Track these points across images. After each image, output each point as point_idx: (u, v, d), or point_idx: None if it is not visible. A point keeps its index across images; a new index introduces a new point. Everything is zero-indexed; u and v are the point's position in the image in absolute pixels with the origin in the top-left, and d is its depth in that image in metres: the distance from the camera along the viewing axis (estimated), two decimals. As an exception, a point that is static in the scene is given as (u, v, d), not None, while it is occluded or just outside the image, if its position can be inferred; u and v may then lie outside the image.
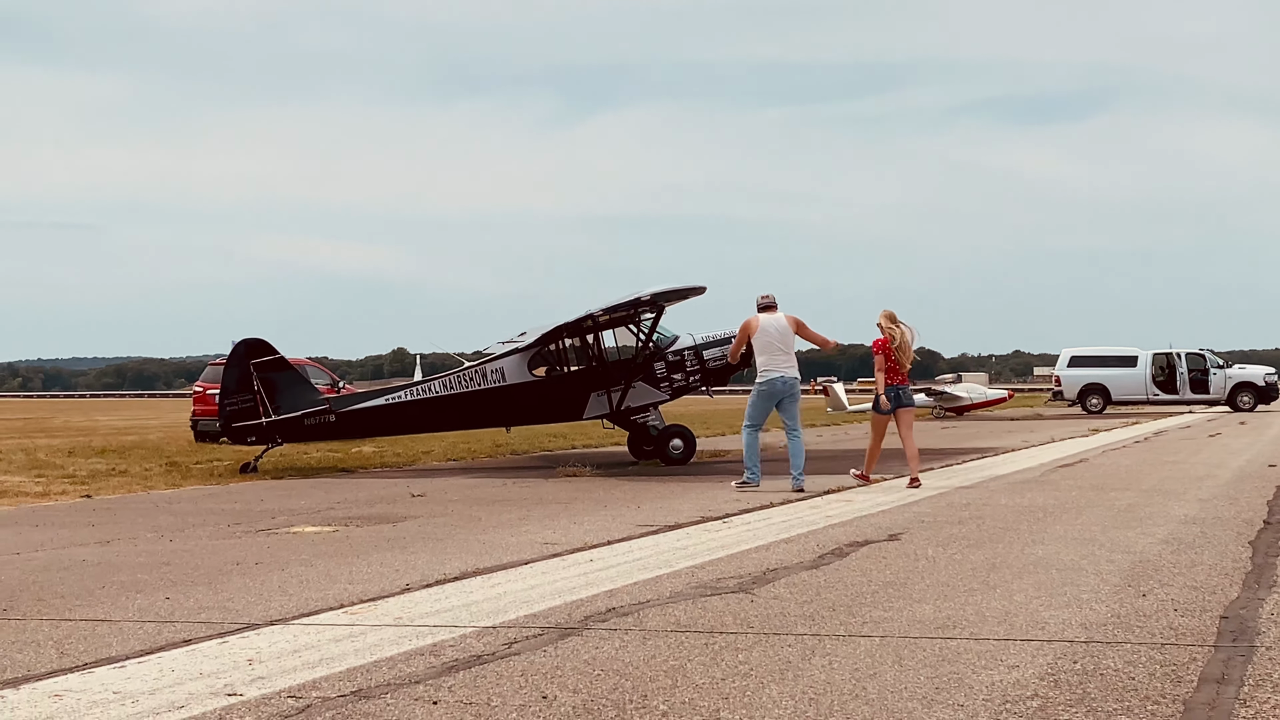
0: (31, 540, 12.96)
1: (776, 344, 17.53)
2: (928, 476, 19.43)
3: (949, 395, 51.90)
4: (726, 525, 13.30)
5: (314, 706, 6.14)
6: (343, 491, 18.44)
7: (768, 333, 17.55)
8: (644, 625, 7.93)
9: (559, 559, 10.91)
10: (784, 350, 17.58)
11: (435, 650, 7.30)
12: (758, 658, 7.00)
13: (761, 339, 17.57)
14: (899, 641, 7.36)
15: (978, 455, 24.57)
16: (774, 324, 17.60)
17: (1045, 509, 14.40)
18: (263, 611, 8.62)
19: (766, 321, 17.62)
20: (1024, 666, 6.74)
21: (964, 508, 14.67)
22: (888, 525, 13.01)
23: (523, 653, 7.20)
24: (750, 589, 9.19)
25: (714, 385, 24.77)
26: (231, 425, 22.79)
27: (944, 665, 6.77)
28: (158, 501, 17.38)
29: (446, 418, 23.53)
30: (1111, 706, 5.99)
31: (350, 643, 7.53)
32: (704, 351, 23.81)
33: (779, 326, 17.59)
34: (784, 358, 17.54)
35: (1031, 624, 7.83)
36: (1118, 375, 53.38)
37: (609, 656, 7.07)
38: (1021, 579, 9.50)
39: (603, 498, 16.75)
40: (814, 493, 16.73)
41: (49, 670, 6.97)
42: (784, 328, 17.58)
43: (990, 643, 7.31)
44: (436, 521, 14.16)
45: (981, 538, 11.92)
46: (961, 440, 31.17)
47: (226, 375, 23.07)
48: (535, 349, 23.67)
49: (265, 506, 16.30)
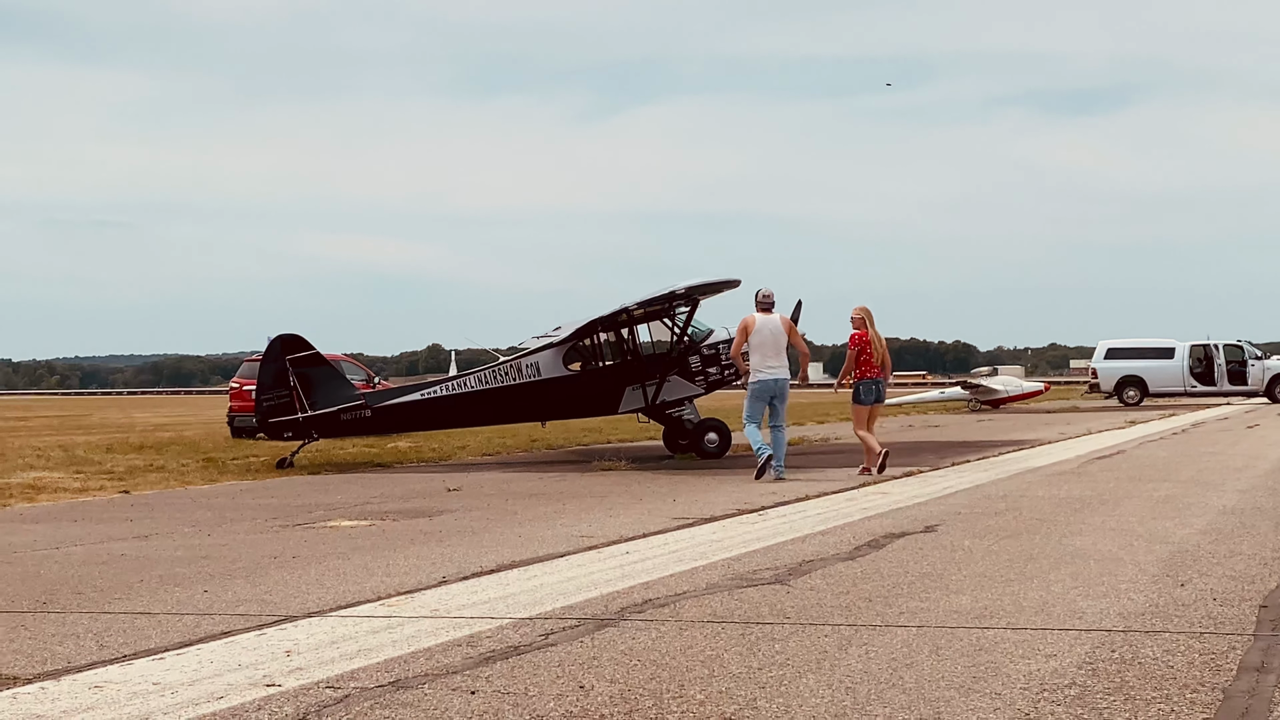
0: (70, 535, 13.05)
1: (770, 345, 18.23)
2: (964, 469, 19.40)
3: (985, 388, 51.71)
4: (762, 518, 13.30)
5: (352, 697, 6.17)
6: (379, 486, 18.50)
7: (762, 334, 18.21)
8: (680, 616, 7.93)
9: (595, 552, 10.93)
10: (776, 352, 18.24)
11: (472, 641, 7.32)
12: (794, 648, 7.00)
13: (756, 339, 18.23)
14: (936, 631, 7.35)
15: (1014, 447, 24.49)
16: (769, 325, 18.26)
17: (1082, 500, 14.35)
18: (300, 604, 8.66)
19: (763, 322, 18.25)
20: (1062, 656, 6.72)
21: (1001, 499, 14.63)
22: (924, 517, 12.98)
23: (560, 644, 7.21)
24: (786, 580, 9.18)
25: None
26: (268, 421, 22.87)
27: (981, 655, 6.76)
28: (195, 497, 17.47)
29: (481, 412, 23.57)
30: (1150, 695, 5.96)
31: (388, 634, 7.56)
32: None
33: (774, 328, 18.24)
34: (776, 359, 18.22)
35: (1069, 614, 7.81)
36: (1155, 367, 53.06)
37: (646, 647, 7.08)
38: (1059, 569, 9.47)
39: (638, 491, 16.77)
40: (850, 485, 16.71)
41: (89, 662, 7.01)
42: (778, 329, 18.25)
43: (1028, 632, 7.29)
44: (473, 515, 14.20)
45: (1018, 529, 11.89)
46: (998, 433, 31.07)
47: (263, 371, 23.15)
48: (570, 343, 23.68)
49: (302, 501, 16.37)
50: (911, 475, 18.29)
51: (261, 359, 23.73)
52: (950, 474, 18.57)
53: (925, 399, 54.78)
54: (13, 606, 8.81)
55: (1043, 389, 56.55)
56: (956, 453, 23.11)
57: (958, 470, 19.21)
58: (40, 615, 8.45)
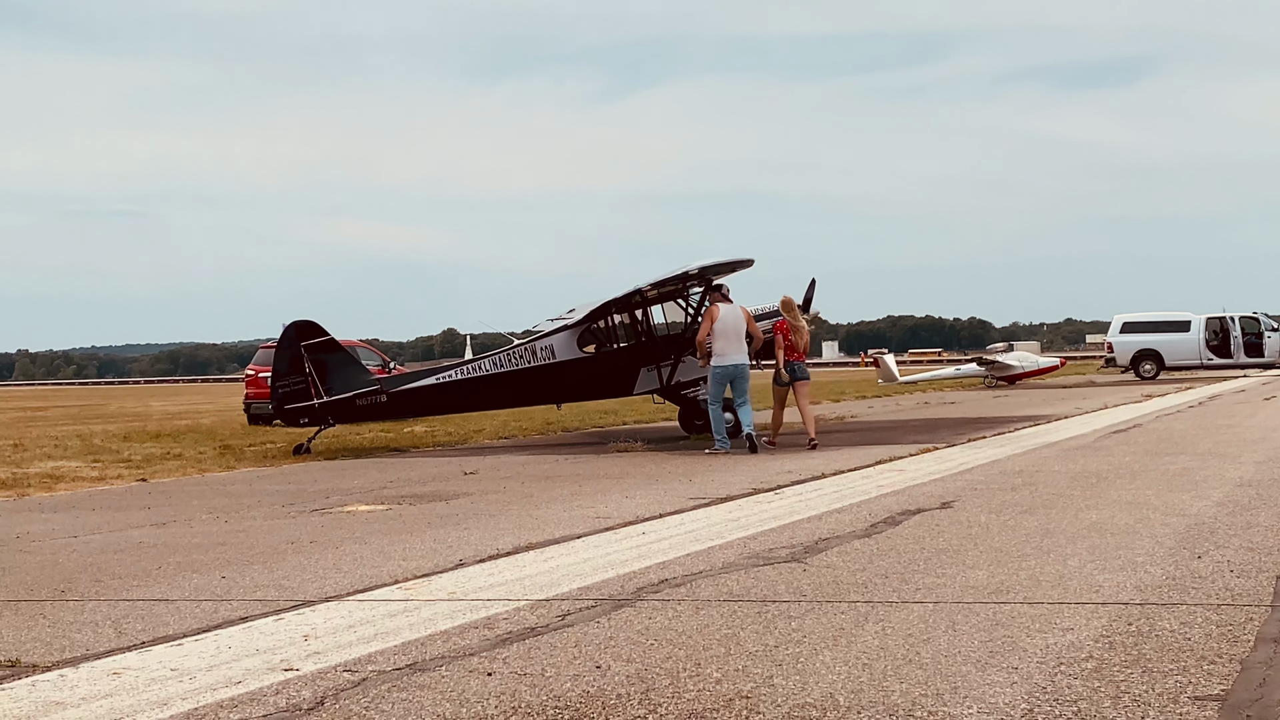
0: (88, 523, 13.10)
1: (732, 333, 19.78)
2: (980, 445, 19.37)
3: (1001, 364, 51.59)
4: (778, 496, 13.30)
5: (370, 680, 6.19)
6: (395, 471, 18.53)
7: (726, 322, 19.76)
8: (697, 595, 7.94)
9: (611, 533, 10.94)
10: (738, 339, 19.82)
11: (489, 623, 7.33)
12: (811, 625, 7.00)
13: (720, 327, 19.70)
14: (952, 607, 7.34)
15: (1030, 423, 24.45)
16: (732, 314, 19.86)
17: (1099, 474, 14.32)
18: (318, 589, 8.68)
19: (726, 311, 19.81)
20: (1079, 629, 6.71)
21: (1017, 474, 14.61)
22: (940, 493, 12.97)
23: (576, 624, 7.22)
24: (803, 558, 9.18)
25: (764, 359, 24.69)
26: (284, 407, 22.91)
27: (998, 629, 6.75)
28: (212, 484, 17.51)
29: (497, 396, 23.58)
30: (1167, 666, 5.96)
31: (405, 617, 7.58)
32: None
33: (735, 317, 19.87)
34: (737, 345, 19.85)
35: (1086, 587, 7.80)
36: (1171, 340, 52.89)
37: (662, 626, 7.09)
38: (1075, 544, 9.46)
39: (654, 472, 16.77)
40: (867, 463, 16.69)
41: (108, 649, 7.04)
42: (739, 318, 19.89)
43: (1044, 606, 7.29)
44: (489, 498, 14.22)
45: (1035, 504, 11.87)
46: (1014, 408, 31.01)
47: (278, 358, 23.17)
48: (584, 325, 23.68)
49: (319, 487, 16.40)
50: (928, 452, 18.27)
51: (277, 346, 23.75)
52: (966, 450, 18.55)
53: (941, 376, 54.71)
54: (32, 595, 8.85)
55: (1058, 364, 56.39)
56: (972, 429, 23.08)
57: (974, 446, 19.19)
58: (59, 604, 8.48)
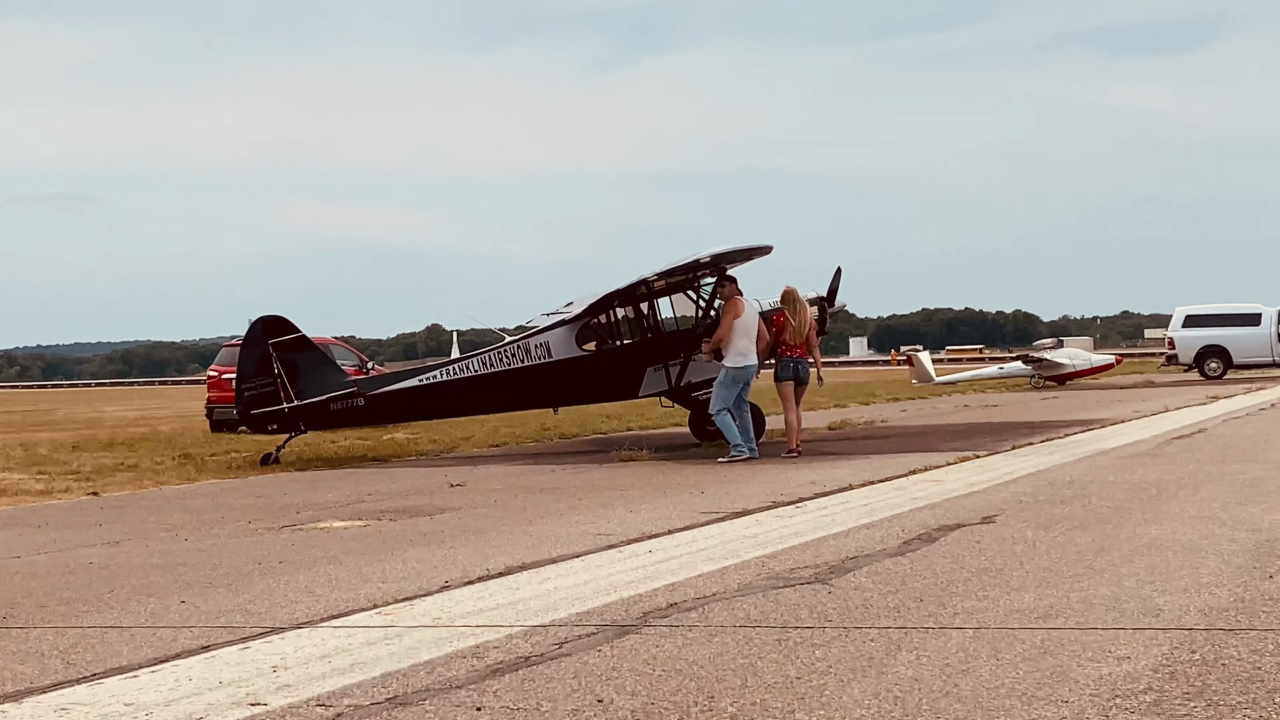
0: (33, 543, 13.12)
1: (753, 330, 19.49)
2: (1026, 452, 19.37)
3: (1049, 362, 51.60)
4: (800, 510, 13.30)
5: (345, 715, 6.19)
6: (374, 482, 18.55)
7: (749, 318, 19.43)
8: (709, 621, 7.95)
9: (614, 551, 10.95)
10: (756, 338, 19.57)
11: (478, 652, 7.34)
12: (836, 654, 7.00)
13: (743, 323, 19.36)
14: (995, 633, 7.34)
15: (1082, 428, 24.45)
16: (752, 309, 19.64)
17: (1159, 485, 14.32)
18: (288, 614, 8.69)
19: (749, 305, 19.55)
20: (1136, 658, 6.71)
21: (1067, 485, 14.61)
22: (982, 507, 12.97)
23: (575, 653, 7.23)
24: (828, 579, 9.19)
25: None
26: (250, 412, 22.94)
27: (1046, 658, 6.75)
28: (171, 498, 17.54)
29: (487, 399, 23.60)
30: (1235, 700, 5.95)
31: (385, 646, 7.58)
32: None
33: (754, 312, 19.63)
34: (753, 344, 19.51)
35: (1144, 611, 7.79)
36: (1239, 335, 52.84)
37: (671, 655, 7.09)
38: (1133, 562, 9.46)
39: (662, 483, 16.79)
40: (899, 472, 16.70)
41: (54, 682, 7.04)
42: (755, 314, 19.60)
43: (1098, 632, 7.28)
44: (478, 513, 14.23)
45: (1087, 518, 11.88)
46: (1064, 412, 31.01)
47: (243, 358, 23.21)
48: (584, 320, 23.68)
49: (289, 500, 16.43)
50: (967, 460, 18.28)
51: (242, 344, 23.80)
52: (1011, 458, 18.55)
53: (982, 375, 54.73)
54: (-31, 622, 8.86)
55: (1114, 362, 56.39)
56: (1018, 434, 23.08)
57: (1019, 454, 19.19)
58: (0, 632, 8.49)
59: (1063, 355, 53.18)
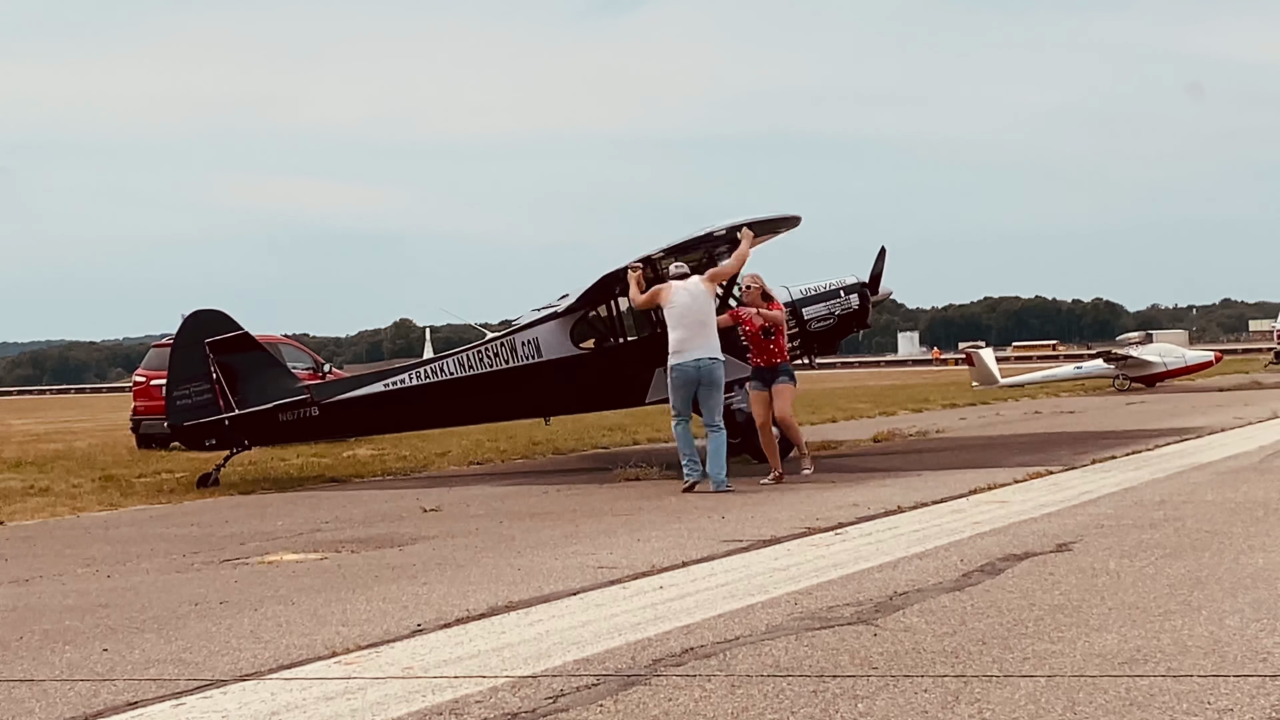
0: (-73, 581, 13.13)
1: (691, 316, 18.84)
2: (1108, 467, 19.38)
3: (1136, 360, 51.66)
4: (840, 538, 13.32)
5: (299, 784, 6.21)
6: (332, 508, 18.57)
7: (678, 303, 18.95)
8: (732, 669, 7.96)
9: (618, 587, 10.96)
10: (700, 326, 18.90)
11: (457, 708, 7.35)
12: (883, 707, 7.01)
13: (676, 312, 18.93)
14: (1072, 681, 7.35)
15: (1175, 438, 24.46)
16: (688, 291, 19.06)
17: (1266, 505, 14.34)
18: (230, 664, 8.70)
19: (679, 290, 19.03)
20: (1239, 710, 6.72)
21: (1157, 506, 14.62)
22: (1055, 532, 12.98)
23: (572, 708, 7.24)
24: (872, 619, 9.20)
25: (817, 353, 24.67)
26: (184, 425, 22.93)
27: (1133, 711, 6.76)
28: (90, 527, 17.55)
29: (465, 407, 23.55)
30: (1358, 760, 5.96)
31: (345, 701, 7.60)
32: (803, 309, 23.64)
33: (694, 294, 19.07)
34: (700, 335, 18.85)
35: (1249, 655, 7.81)
36: (1362, 327, 52.89)
37: (686, 710, 7.10)
38: (1235, 597, 9.47)
39: (675, 506, 16.80)
40: (957, 492, 16.71)
41: (-47, 746, 7.07)
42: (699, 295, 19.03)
43: (1194, 680, 7.29)
44: (456, 543, 14.25)
45: (1181, 545, 11.89)
46: (1153, 419, 31.02)
47: (175, 360, 23.20)
48: (579, 312, 23.57)
49: (231, 530, 16.44)
50: (1038, 477, 18.28)
51: (173, 344, 23.81)
52: (1090, 474, 18.55)
53: (1055, 376, 54.73)
54: None
55: (1212, 360, 56.44)
56: (1099, 446, 23.08)
57: (1100, 469, 19.20)
58: (-112, 686, 8.51)
59: (1152, 352, 53.22)
